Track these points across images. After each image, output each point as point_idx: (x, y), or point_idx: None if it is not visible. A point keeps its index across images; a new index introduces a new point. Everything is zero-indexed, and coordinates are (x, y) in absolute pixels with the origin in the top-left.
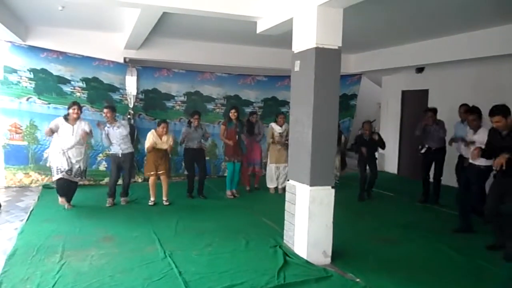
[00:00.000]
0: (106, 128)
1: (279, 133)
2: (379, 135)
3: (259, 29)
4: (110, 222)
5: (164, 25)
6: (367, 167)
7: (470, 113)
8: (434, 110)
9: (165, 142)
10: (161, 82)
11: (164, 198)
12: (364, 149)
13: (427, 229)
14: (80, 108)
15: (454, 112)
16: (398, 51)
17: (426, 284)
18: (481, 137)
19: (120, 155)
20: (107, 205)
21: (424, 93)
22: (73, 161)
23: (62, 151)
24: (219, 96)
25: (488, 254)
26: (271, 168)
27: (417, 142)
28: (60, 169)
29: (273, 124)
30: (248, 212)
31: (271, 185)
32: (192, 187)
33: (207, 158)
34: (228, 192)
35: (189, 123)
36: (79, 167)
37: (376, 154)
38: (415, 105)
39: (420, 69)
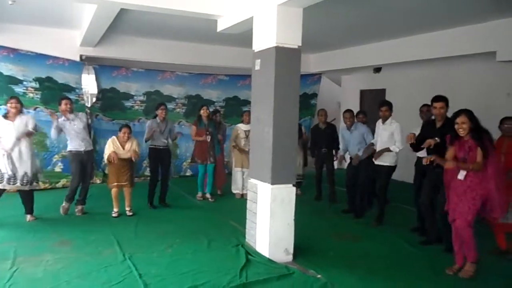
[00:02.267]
0: (60, 120)
1: (245, 131)
2: (334, 126)
3: (220, 28)
4: (66, 226)
5: (122, 21)
6: (324, 165)
7: (381, 105)
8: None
9: (128, 151)
10: (120, 81)
11: (127, 209)
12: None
13: (387, 225)
14: (19, 101)
15: (410, 110)
16: (357, 52)
17: (385, 279)
18: (387, 128)
19: (83, 152)
20: (62, 212)
21: (382, 92)
22: (17, 164)
23: (5, 153)
24: (180, 96)
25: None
26: (235, 173)
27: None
28: (2, 175)
29: (239, 125)
30: (213, 214)
31: (236, 190)
32: (153, 194)
33: None
34: (199, 195)
35: (155, 116)
36: (25, 173)
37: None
38: (373, 104)
39: (377, 69)
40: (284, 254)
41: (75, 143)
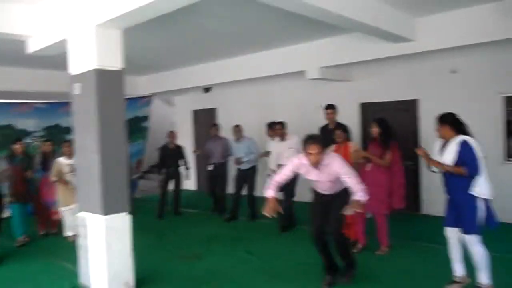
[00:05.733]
0: None
1: (69, 165)
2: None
3: (30, 49)
4: None
5: None
6: (168, 184)
7: (274, 124)
8: (216, 126)
9: None
10: None
11: None
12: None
13: (226, 240)
14: None
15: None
16: (186, 73)
17: None
18: (289, 144)
19: None
20: None
21: (213, 111)
22: None
23: None
24: None
25: (285, 256)
26: (65, 212)
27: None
28: None
29: (60, 159)
30: (41, 258)
31: (68, 232)
32: None
33: None
34: (20, 239)
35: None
36: None
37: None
38: (206, 123)
39: (207, 89)
40: None
41: None
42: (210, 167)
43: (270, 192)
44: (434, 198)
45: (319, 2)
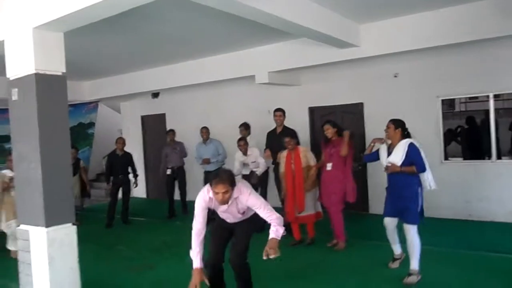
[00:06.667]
0: None
1: (10, 177)
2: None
3: None
4: None
5: None
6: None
7: (241, 139)
8: (173, 131)
9: None
10: None
11: None
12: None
13: (179, 247)
14: None
15: (189, 131)
16: (134, 77)
17: None
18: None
19: None
20: None
21: (162, 116)
22: None
23: None
24: None
25: None
26: (9, 226)
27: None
28: None
29: (5, 172)
30: None
31: (12, 247)
32: None
33: None
34: None
35: None
36: None
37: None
38: (155, 129)
39: (155, 94)
40: None
41: None
42: (168, 172)
43: (197, 261)
44: (380, 199)
45: (267, 7)
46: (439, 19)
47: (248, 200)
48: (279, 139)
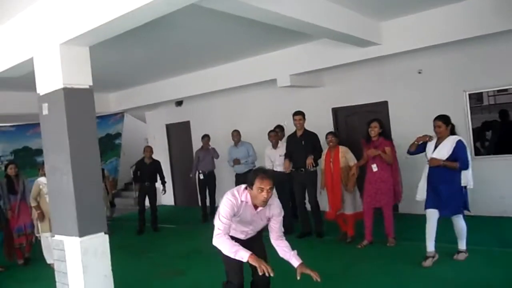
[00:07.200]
0: None
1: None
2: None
3: None
4: None
5: None
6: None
7: (273, 131)
8: (208, 136)
9: None
10: None
11: None
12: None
13: (208, 253)
14: None
15: (216, 137)
16: (158, 87)
17: None
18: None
19: None
20: None
21: (187, 124)
22: None
23: None
24: None
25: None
26: (45, 240)
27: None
28: None
29: (41, 179)
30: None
31: (50, 260)
32: None
33: None
34: None
35: None
36: None
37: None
38: (180, 137)
39: (179, 103)
40: None
41: None
42: (201, 176)
43: (244, 252)
44: (409, 198)
45: (285, 10)
46: (463, 11)
47: (278, 208)
48: (300, 142)
